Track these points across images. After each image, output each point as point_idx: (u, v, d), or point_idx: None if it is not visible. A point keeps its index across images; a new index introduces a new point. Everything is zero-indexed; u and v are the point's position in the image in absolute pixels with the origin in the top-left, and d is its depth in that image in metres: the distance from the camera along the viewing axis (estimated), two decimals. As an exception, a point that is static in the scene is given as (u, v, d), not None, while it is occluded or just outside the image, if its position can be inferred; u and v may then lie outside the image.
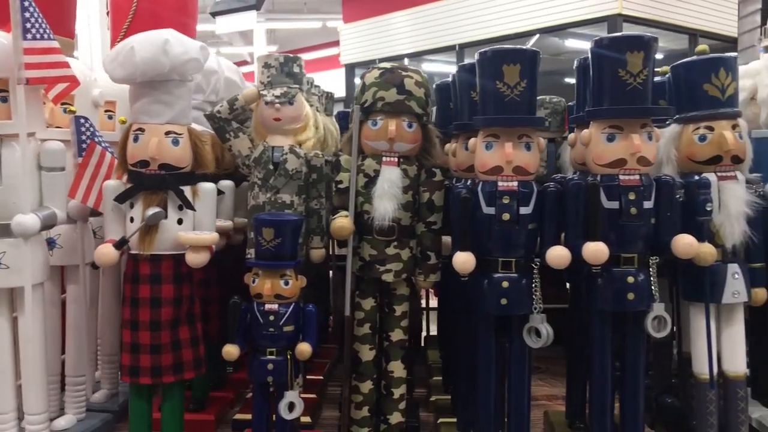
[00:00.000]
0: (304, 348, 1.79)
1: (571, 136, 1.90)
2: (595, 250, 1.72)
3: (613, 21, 5.96)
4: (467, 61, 2.17)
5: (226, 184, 2.26)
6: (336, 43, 11.03)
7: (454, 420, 2.18)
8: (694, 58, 1.95)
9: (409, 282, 2.02)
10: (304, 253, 2.11)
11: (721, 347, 1.97)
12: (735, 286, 1.89)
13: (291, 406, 1.81)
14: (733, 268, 1.89)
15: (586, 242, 1.74)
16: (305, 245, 2.12)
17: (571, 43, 8.52)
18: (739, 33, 5.67)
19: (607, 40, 1.80)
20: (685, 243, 1.75)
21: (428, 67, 8.94)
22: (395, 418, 2.00)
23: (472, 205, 1.82)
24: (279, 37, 14.83)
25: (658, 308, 1.81)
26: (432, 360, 2.92)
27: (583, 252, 1.74)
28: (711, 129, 1.88)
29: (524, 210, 1.81)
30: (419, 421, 2.27)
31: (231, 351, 1.80)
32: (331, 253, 2.61)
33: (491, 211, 1.81)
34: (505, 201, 1.80)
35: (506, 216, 1.79)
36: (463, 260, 1.80)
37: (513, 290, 1.82)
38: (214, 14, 11.41)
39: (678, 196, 1.87)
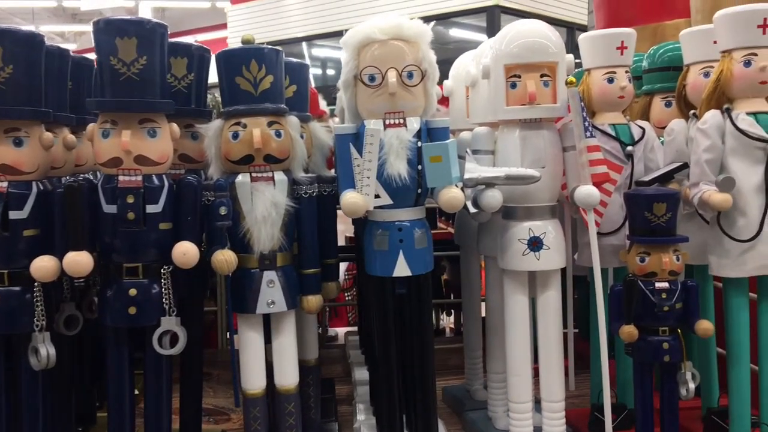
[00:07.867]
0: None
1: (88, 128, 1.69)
2: (70, 262, 1.53)
3: (492, 11, 5.91)
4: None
5: None
6: (226, 26, 10.53)
7: None
8: (233, 47, 1.79)
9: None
10: None
11: (273, 360, 1.84)
12: (270, 294, 1.75)
13: None
14: (269, 276, 1.75)
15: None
16: None
17: (456, 33, 8.40)
18: (589, 27, 5.80)
19: (102, 23, 1.59)
20: (179, 252, 1.59)
21: (318, 52, 8.63)
22: None
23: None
24: (168, 16, 14.05)
25: (168, 323, 1.65)
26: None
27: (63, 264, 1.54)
28: (245, 126, 1.73)
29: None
30: None
31: None
32: None
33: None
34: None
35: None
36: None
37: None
38: (78, -11, 10.57)
39: (214, 198, 1.71)
